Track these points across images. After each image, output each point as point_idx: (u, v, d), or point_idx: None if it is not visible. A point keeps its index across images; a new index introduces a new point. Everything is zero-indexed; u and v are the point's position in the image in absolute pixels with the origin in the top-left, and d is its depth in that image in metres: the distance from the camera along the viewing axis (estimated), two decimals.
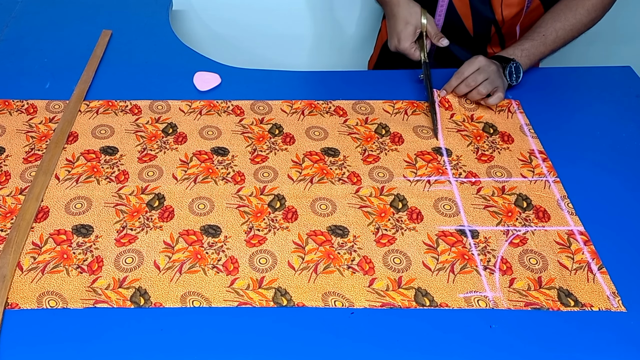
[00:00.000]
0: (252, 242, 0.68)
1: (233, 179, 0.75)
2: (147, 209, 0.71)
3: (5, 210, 0.70)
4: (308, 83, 0.93)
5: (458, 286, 0.64)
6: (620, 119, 0.87)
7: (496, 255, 0.67)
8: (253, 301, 0.62)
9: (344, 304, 0.62)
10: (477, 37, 1.00)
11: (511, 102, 0.89)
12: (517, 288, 0.64)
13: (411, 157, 0.79)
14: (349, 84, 0.92)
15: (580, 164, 0.79)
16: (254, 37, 1.34)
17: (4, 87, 0.88)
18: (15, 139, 0.80)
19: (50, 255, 0.65)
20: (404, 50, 0.90)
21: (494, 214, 0.72)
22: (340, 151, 0.80)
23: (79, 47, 0.97)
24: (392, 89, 0.91)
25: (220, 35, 1.33)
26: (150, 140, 0.81)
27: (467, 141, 0.82)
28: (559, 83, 0.94)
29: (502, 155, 0.80)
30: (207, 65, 0.94)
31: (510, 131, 0.84)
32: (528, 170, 0.78)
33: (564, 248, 0.68)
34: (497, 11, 0.95)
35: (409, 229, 0.70)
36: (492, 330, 0.60)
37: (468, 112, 0.87)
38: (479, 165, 0.79)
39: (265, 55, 1.38)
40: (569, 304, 0.63)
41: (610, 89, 0.93)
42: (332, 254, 0.67)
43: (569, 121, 0.87)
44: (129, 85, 0.90)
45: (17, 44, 0.98)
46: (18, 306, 0.60)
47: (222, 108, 0.86)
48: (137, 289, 0.63)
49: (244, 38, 1.34)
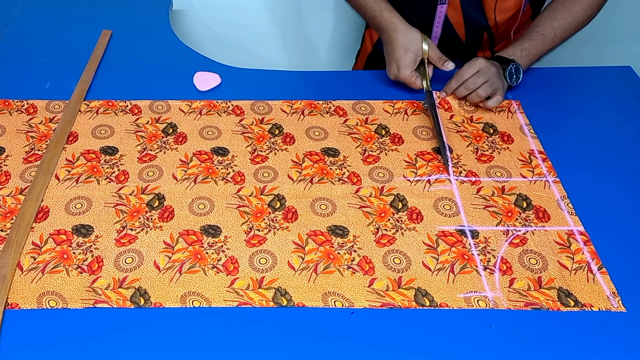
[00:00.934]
0: (252, 242, 0.68)
1: (233, 179, 0.75)
2: (147, 209, 0.71)
3: (5, 210, 0.70)
4: (308, 83, 0.93)
5: (458, 286, 0.64)
6: (620, 119, 0.87)
7: (496, 255, 0.67)
8: (253, 301, 0.62)
9: (344, 304, 0.62)
10: (469, 43, 1.00)
11: (511, 103, 0.89)
12: (517, 288, 0.64)
13: (411, 157, 0.79)
14: (349, 84, 0.92)
15: (580, 164, 0.79)
16: (254, 37, 1.34)
17: (4, 87, 0.88)
18: (15, 139, 0.80)
19: (50, 255, 0.65)
20: (405, 79, 0.87)
21: (493, 214, 0.72)
22: (340, 151, 0.80)
23: (79, 47, 0.97)
24: (392, 89, 0.91)
25: (220, 35, 1.33)
26: (150, 140, 0.81)
27: (467, 142, 0.82)
28: (558, 83, 0.94)
29: (502, 155, 0.80)
30: (207, 65, 0.94)
31: (510, 131, 0.84)
32: (528, 171, 0.78)
33: (564, 248, 0.68)
34: (490, 17, 0.95)
35: (408, 229, 0.70)
36: (492, 330, 0.60)
37: (468, 113, 0.87)
38: (479, 165, 0.79)
39: (265, 55, 1.38)
40: (569, 304, 0.63)
41: (610, 89, 0.93)
42: (332, 254, 0.67)
43: (568, 121, 0.87)
44: (129, 85, 0.90)
45: (17, 44, 0.98)
46: (18, 306, 0.60)
47: (222, 108, 0.86)
48: (137, 289, 0.63)
49: (244, 38, 1.34)
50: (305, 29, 1.33)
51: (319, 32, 1.35)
